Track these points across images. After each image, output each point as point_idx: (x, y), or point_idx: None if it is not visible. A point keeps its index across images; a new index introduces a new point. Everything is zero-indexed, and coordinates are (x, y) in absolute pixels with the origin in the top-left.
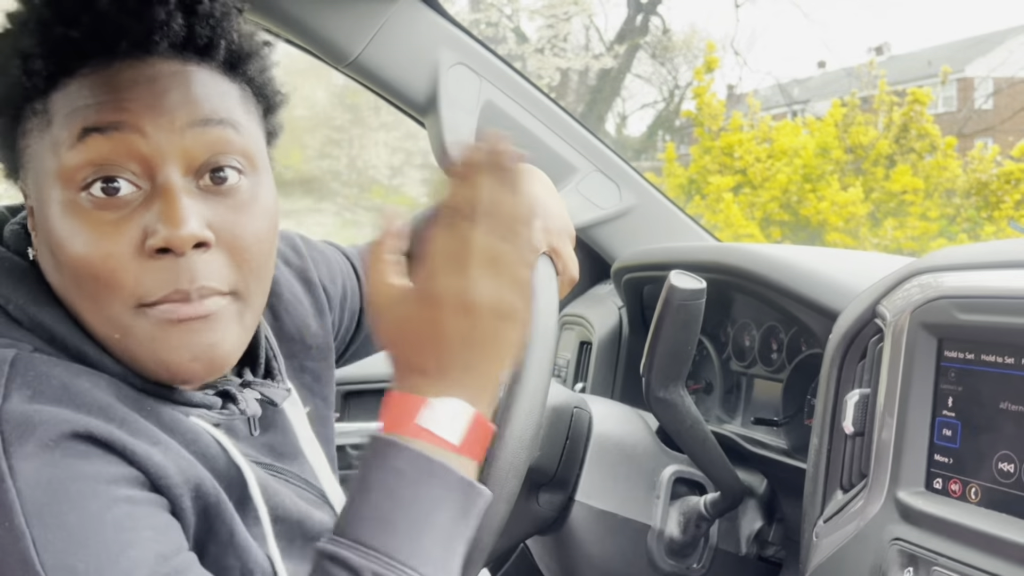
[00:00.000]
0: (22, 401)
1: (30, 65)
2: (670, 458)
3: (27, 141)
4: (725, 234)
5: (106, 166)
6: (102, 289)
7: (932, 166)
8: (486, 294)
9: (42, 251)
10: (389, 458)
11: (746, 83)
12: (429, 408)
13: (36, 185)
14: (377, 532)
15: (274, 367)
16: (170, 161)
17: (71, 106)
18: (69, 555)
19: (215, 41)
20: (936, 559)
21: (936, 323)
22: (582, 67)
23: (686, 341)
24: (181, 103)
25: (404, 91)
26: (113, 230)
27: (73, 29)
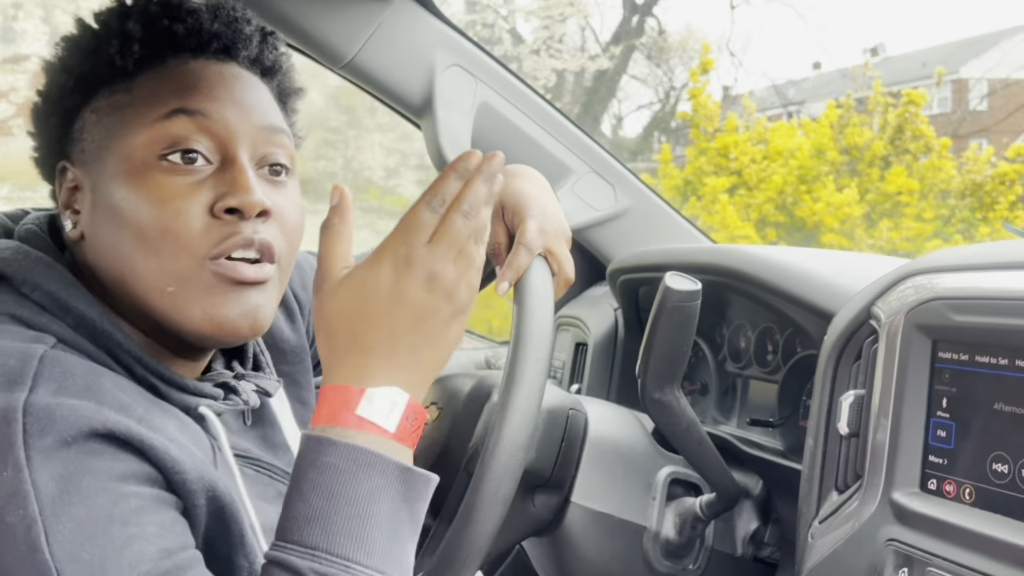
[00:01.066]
0: (47, 395)
1: (128, 47)
2: (666, 459)
3: (99, 116)
4: (721, 235)
5: (186, 139)
6: (170, 242)
7: (927, 167)
8: (450, 277)
9: (96, 220)
10: (323, 455)
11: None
12: (367, 398)
13: (102, 156)
14: (315, 531)
15: (261, 360)
16: (241, 145)
17: (161, 87)
18: (76, 546)
19: (276, 67)
20: (931, 560)
21: (930, 324)
22: (578, 68)
23: (682, 343)
24: (256, 105)
25: (400, 93)
26: (187, 191)
27: (177, 23)
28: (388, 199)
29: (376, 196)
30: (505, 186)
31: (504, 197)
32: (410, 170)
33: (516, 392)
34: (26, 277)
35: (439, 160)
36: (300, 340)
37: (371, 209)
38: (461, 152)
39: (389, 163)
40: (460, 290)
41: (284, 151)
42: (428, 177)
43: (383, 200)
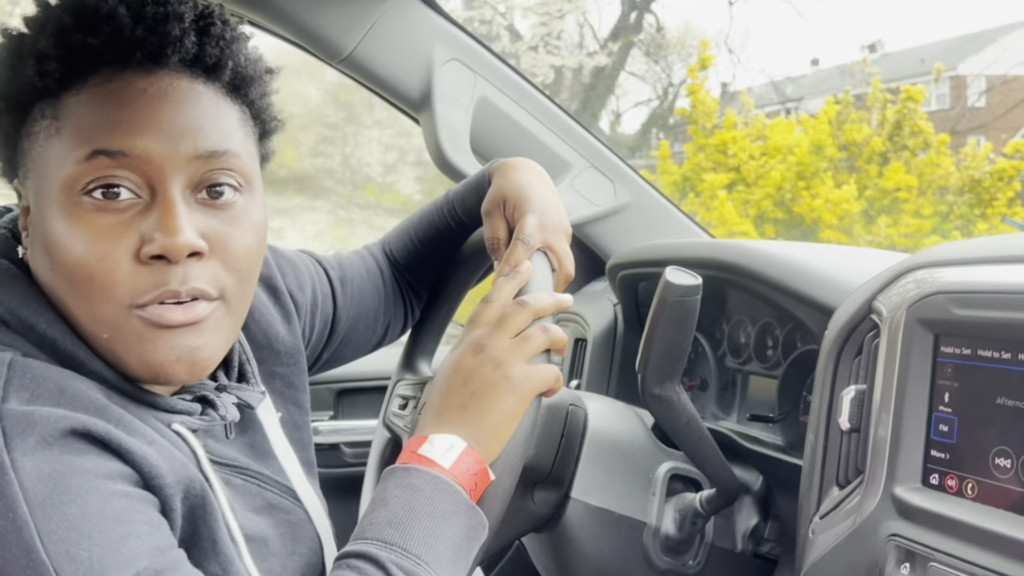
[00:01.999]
0: (21, 402)
1: (44, 66)
2: (666, 455)
3: (32, 143)
4: (719, 232)
5: (109, 177)
6: (96, 290)
7: (925, 163)
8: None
9: (35, 251)
10: (406, 477)
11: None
12: (428, 442)
13: (36, 187)
14: (396, 533)
15: (248, 370)
16: (171, 179)
17: (81, 120)
18: (72, 545)
19: (223, 61)
20: (933, 555)
21: (932, 318)
22: (576, 65)
23: (681, 338)
24: (186, 130)
25: (398, 88)
26: (111, 234)
27: (92, 36)
28: (386, 196)
29: (374, 193)
30: (506, 179)
31: (505, 191)
32: (408, 166)
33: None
34: None
35: (438, 156)
36: (295, 341)
37: (369, 206)
38: (460, 147)
39: (387, 159)
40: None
41: (229, 172)
42: (426, 173)
43: (381, 197)
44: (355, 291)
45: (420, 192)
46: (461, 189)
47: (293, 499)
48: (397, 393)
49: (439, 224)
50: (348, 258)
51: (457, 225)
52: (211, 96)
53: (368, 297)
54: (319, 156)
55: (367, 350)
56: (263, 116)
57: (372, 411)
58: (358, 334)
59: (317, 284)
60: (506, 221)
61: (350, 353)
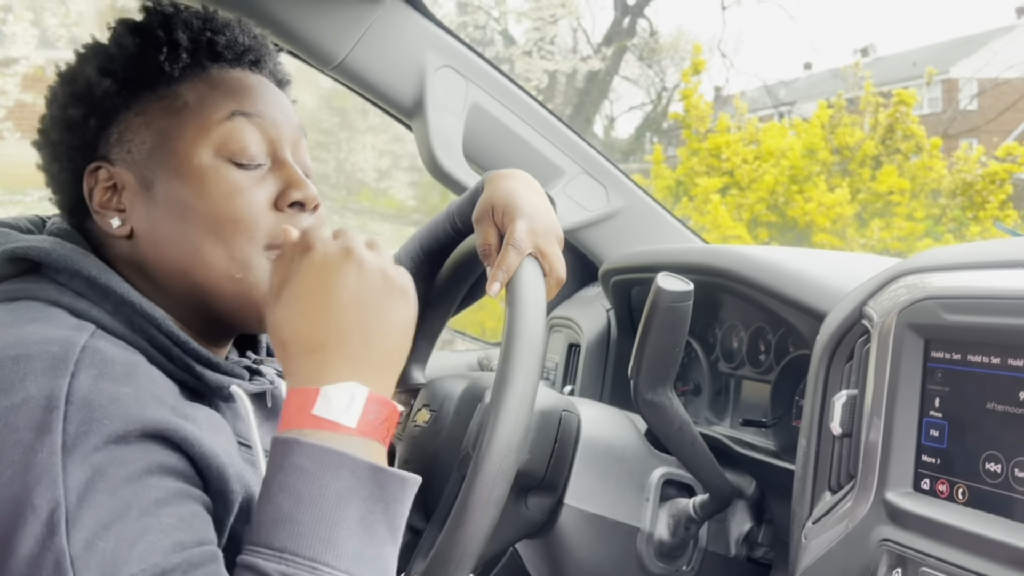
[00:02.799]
0: (88, 383)
1: (176, 54)
2: (659, 460)
3: (146, 119)
4: (713, 235)
5: (246, 140)
6: (240, 232)
7: (918, 167)
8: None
9: (153, 214)
10: (289, 456)
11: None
12: (323, 396)
13: (157, 156)
14: (282, 534)
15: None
16: (287, 146)
17: (214, 93)
18: (93, 534)
19: (286, 81)
20: (924, 560)
21: (922, 324)
22: (570, 69)
23: (674, 343)
24: (290, 110)
25: (391, 94)
26: (253, 185)
27: (218, 35)
28: (380, 201)
29: (368, 198)
30: (495, 187)
31: (494, 198)
32: (402, 172)
33: (508, 394)
34: (65, 265)
35: (430, 162)
36: None
37: (363, 211)
38: (453, 153)
39: (381, 165)
40: (390, 271)
41: (306, 152)
42: (420, 179)
43: (375, 202)
44: None
45: (414, 198)
46: (460, 199)
47: None
48: None
49: (441, 234)
50: None
51: (457, 235)
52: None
53: None
54: (313, 161)
55: None
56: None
57: None
58: None
59: None
60: (496, 228)
61: None
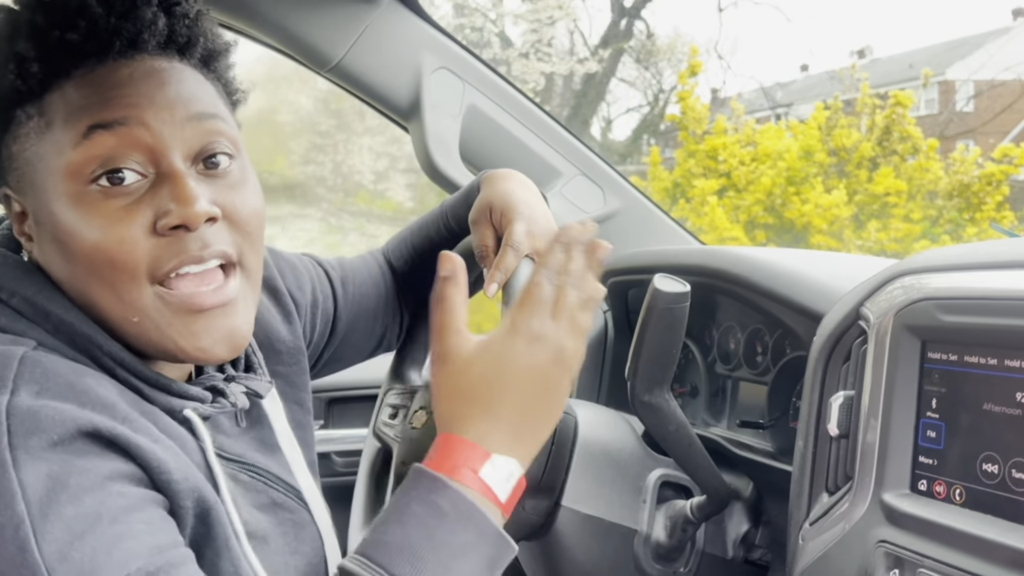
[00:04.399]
0: (29, 396)
1: (26, 68)
2: (656, 462)
3: (22, 146)
4: (710, 237)
5: (112, 159)
6: (119, 272)
7: (914, 168)
8: (572, 350)
9: (46, 249)
10: (434, 494)
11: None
12: (492, 463)
13: (36, 186)
14: (403, 562)
15: (253, 361)
16: (173, 150)
17: (72, 106)
18: (66, 545)
19: (193, 39)
20: (921, 561)
21: (919, 325)
22: (567, 71)
23: (671, 345)
24: (177, 98)
25: (387, 96)
26: (124, 215)
27: (70, 32)
28: (378, 203)
29: (366, 200)
30: (492, 188)
31: (492, 199)
32: (399, 174)
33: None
34: (3, 282)
35: (427, 164)
36: (296, 341)
37: (360, 213)
38: (449, 155)
39: (378, 167)
40: (577, 362)
41: (222, 137)
42: (417, 181)
43: (372, 204)
44: (356, 291)
45: (411, 199)
46: (454, 199)
47: (297, 499)
48: (387, 402)
49: (433, 234)
50: (349, 260)
51: (450, 234)
52: (189, 72)
53: (368, 297)
54: (310, 164)
55: (366, 353)
56: (231, 88)
57: (362, 420)
58: (358, 334)
59: (317, 284)
60: (493, 229)
61: (350, 354)
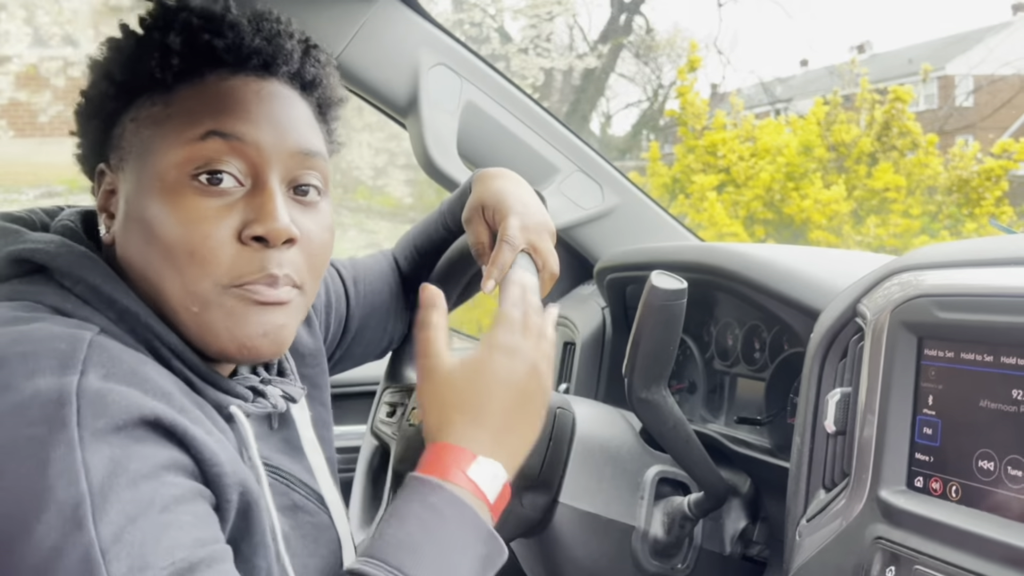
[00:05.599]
0: (97, 379)
1: (168, 59)
2: (654, 458)
3: (137, 127)
4: (709, 233)
5: (217, 161)
6: (196, 266)
7: (914, 163)
8: (543, 362)
9: (128, 229)
10: (429, 496)
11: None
12: (478, 463)
13: (138, 167)
14: (406, 557)
15: (286, 367)
16: (273, 170)
17: (198, 106)
18: (120, 528)
19: (317, 81)
20: (917, 558)
21: (916, 321)
22: (566, 67)
23: (668, 341)
24: (291, 127)
25: (384, 92)
26: (215, 214)
27: (217, 38)
28: (377, 199)
29: (365, 196)
30: (484, 187)
31: (483, 197)
32: (398, 169)
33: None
34: (70, 270)
35: (425, 160)
36: (317, 343)
37: (360, 209)
38: (447, 152)
39: (377, 163)
40: (548, 373)
41: (317, 174)
42: (416, 177)
43: (372, 200)
44: (367, 290)
45: (410, 195)
46: (450, 200)
47: (318, 502)
48: (384, 400)
49: (433, 234)
50: (361, 260)
51: (449, 234)
52: (307, 107)
53: (379, 296)
54: None
55: (376, 353)
56: (332, 137)
57: (360, 417)
58: (369, 332)
59: (330, 285)
60: (488, 226)
61: (360, 353)
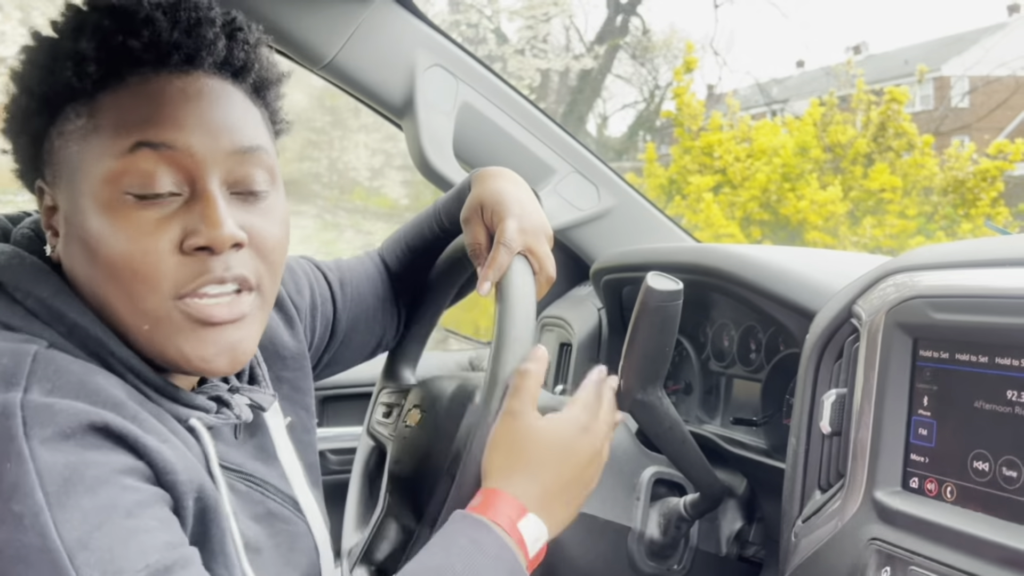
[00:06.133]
0: (42, 393)
1: (83, 67)
2: (650, 459)
3: (64, 142)
4: (705, 234)
5: (151, 177)
6: (140, 283)
7: (910, 164)
8: (602, 453)
9: (70, 248)
10: (478, 533)
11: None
12: (528, 519)
13: (71, 184)
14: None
15: (258, 373)
16: (212, 175)
17: (123, 115)
18: (85, 534)
19: (248, 65)
20: (913, 558)
21: (911, 322)
22: (562, 68)
23: (663, 343)
24: (224, 126)
25: (381, 93)
26: (154, 228)
27: (132, 38)
28: (373, 200)
29: (361, 197)
30: (483, 186)
31: (482, 197)
32: (395, 170)
33: (497, 393)
34: (19, 283)
35: (421, 161)
36: (300, 346)
37: (356, 210)
38: (443, 153)
39: (374, 164)
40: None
41: (262, 169)
42: (413, 178)
43: (368, 201)
44: (354, 292)
45: (407, 196)
46: (446, 198)
47: (294, 509)
48: (381, 401)
49: (427, 232)
50: (347, 262)
51: (443, 232)
52: (240, 96)
53: (367, 297)
54: (305, 161)
55: (366, 354)
56: (277, 118)
57: (356, 418)
58: (358, 335)
59: (316, 287)
60: (485, 227)
61: (349, 355)
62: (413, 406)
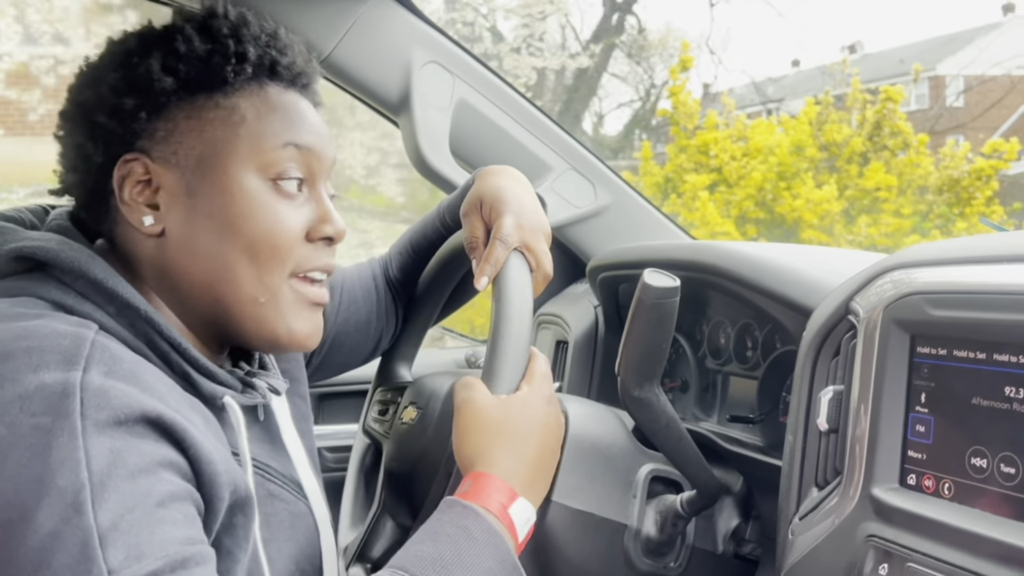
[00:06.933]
0: (99, 375)
1: (241, 65)
2: (646, 457)
3: (198, 125)
4: (701, 232)
5: (295, 171)
6: (274, 260)
7: (905, 163)
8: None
9: (192, 222)
10: (466, 519)
11: (721, 82)
12: (517, 503)
13: (204, 166)
14: (433, 573)
15: (267, 360)
16: (322, 178)
17: (272, 115)
18: (118, 516)
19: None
20: (910, 555)
21: (908, 319)
22: (558, 66)
23: (660, 340)
24: (330, 140)
25: (376, 90)
26: (291, 215)
27: (283, 55)
28: (369, 198)
29: (357, 195)
30: (484, 183)
31: (482, 192)
32: (390, 168)
33: (497, 390)
34: (72, 266)
35: (417, 159)
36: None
37: (352, 208)
38: (439, 150)
39: (369, 161)
40: (562, 421)
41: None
42: (409, 175)
43: (364, 199)
44: (344, 297)
45: (403, 194)
46: (450, 197)
47: (296, 491)
48: (376, 399)
49: (430, 231)
50: (344, 268)
51: (446, 230)
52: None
53: (358, 302)
54: None
55: (360, 359)
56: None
57: (352, 416)
58: (349, 338)
59: None
60: (483, 222)
61: (341, 359)
62: (409, 403)
